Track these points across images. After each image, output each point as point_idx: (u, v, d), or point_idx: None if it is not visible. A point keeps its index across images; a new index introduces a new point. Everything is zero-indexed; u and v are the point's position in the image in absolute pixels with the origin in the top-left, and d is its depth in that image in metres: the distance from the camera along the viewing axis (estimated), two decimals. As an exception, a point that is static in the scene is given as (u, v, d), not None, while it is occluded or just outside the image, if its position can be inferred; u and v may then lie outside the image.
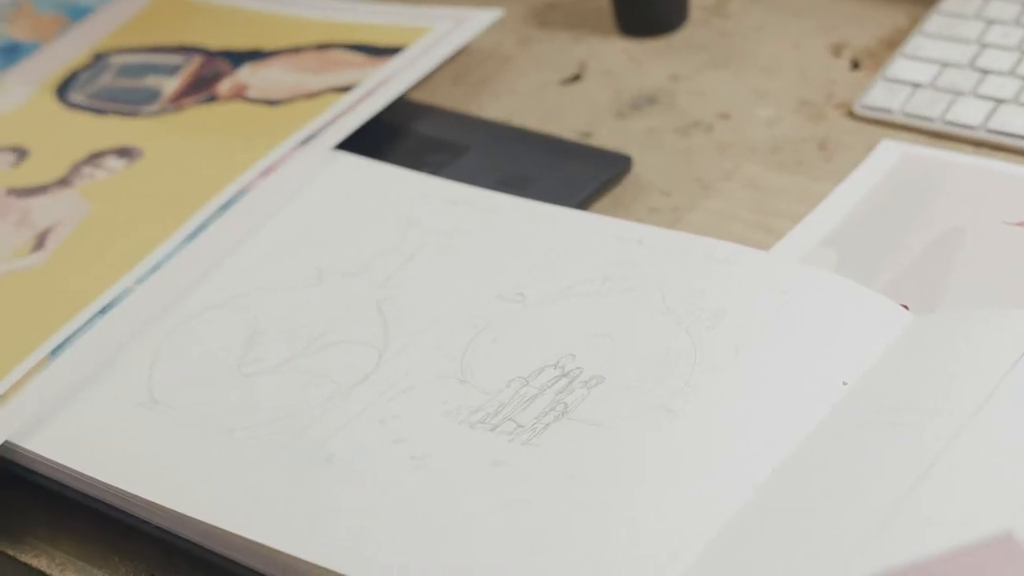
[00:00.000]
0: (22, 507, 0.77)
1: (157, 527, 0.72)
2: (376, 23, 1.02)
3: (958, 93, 0.91)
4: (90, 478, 0.73)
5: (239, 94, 0.98)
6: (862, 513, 0.64)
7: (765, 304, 0.75)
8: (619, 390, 0.72)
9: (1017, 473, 0.64)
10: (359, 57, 0.98)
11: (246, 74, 1.00)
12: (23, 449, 0.76)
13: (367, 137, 0.93)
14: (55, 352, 0.79)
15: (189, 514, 0.70)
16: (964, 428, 0.66)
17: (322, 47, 1.01)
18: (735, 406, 0.70)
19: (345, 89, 0.95)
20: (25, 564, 0.75)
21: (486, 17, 1.00)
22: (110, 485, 0.73)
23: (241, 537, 0.69)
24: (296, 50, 1.01)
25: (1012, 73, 0.91)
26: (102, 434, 0.76)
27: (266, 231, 0.87)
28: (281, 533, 0.68)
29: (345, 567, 0.66)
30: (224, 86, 0.99)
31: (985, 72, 0.92)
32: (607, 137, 0.94)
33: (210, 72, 1.01)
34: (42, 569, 0.74)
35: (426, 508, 0.68)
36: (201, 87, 1.00)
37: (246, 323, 0.81)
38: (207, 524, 0.70)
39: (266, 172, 0.90)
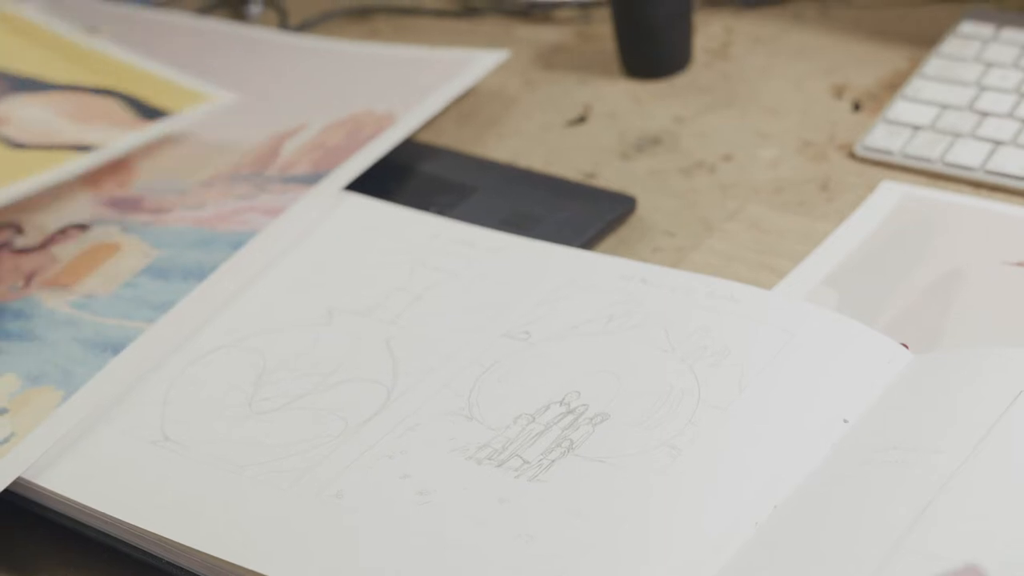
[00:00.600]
0: (35, 542, 0.78)
1: (169, 563, 0.73)
2: (169, 80, 1.07)
3: (957, 135, 0.92)
4: (102, 514, 0.75)
5: (-6, 126, 1.03)
6: (863, 550, 0.65)
7: (768, 342, 0.76)
8: (623, 427, 0.73)
9: (1016, 509, 0.65)
10: (128, 115, 1.03)
11: (11, 106, 1.05)
12: (36, 485, 0.77)
13: (374, 177, 0.94)
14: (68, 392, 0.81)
15: (200, 549, 0.71)
16: (963, 465, 0.67)
17: (100, 92, 1.05)
18: (738, 444, 0.71)
19: (86, 149, 0.99)
20: (38, 599, 0.76)
21: (492, 58, 1.01)
22: (122, 521, 0.74)
23: (250, 571, 0.70)
24: (73, 88, 1.05)
25: (1011, 115, 0.93)
26: (115, 471, 0.77)
27: (276, 271, 0.89)
28: (290, 567, 0.70)
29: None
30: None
31: (984, 114, 0.93)
32: (611, 178, 0.96)
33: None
34: (54, 604, 0.76)
35: (433, 543, 0.69)
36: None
37: (255, 363, 0.83)
38: (217, 559, 0.71)
39: (275, 212, 0.91)
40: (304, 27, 1.17)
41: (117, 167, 1.01)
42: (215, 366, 0.83)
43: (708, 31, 1.08)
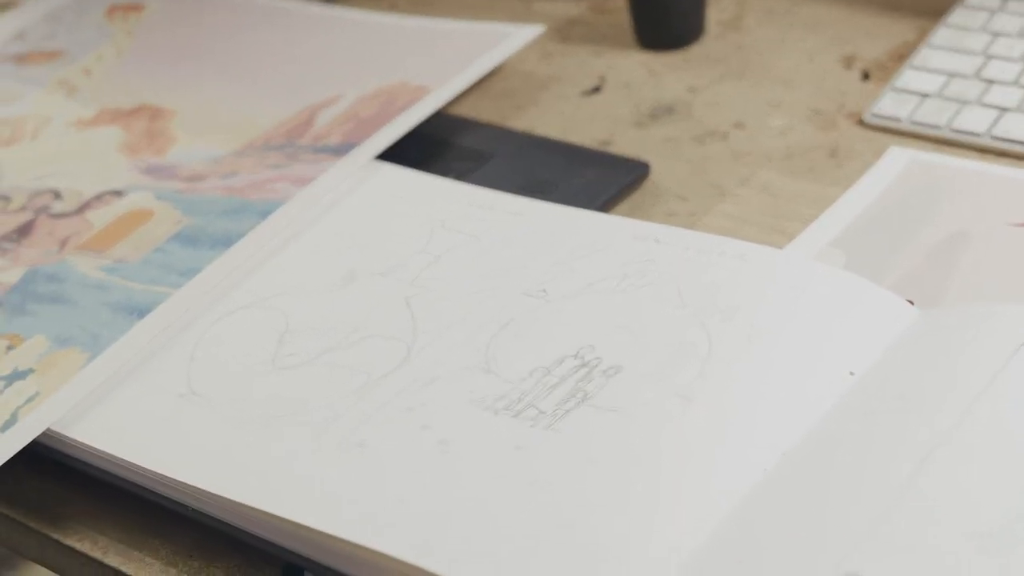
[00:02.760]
0: (66, 493, 0.81)
1: (196, 510, 0.76)
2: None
3: (964, 102, 0.95)
4: (132, 464, 0.77)
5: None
6: (865, 497, 0.67)
7: (777, 298, 0.78)
8: (636, 379, 0.75)
9: (1015, 459, 0.67)
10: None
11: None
12: (66, 437, 0.79)
13: (395, 144, 0.96)
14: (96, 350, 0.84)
15: (228, 496, 0.74)
16: (963, 417, 0.70)
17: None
18: (747, 394, 0.74)
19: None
20: (69, 548, 0.78)
21: (527, 33, 1.03)
22: (149, 469, 0.76)
23: (276, 516, 0.72)
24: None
25: (1016, 83, 0.95)
26: (143, 423, 0.79)
27: (302, 238, 0.91)
28: (316, 513, 0.72)
29: (376, 542, 0.69)
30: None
31: (990, 82, 0.95)
32: (626, 145, 0.98)
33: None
34: (86, 552, 0.78)
35: (453, 488, 0.71)
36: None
37: (278, 321, 0.85)
38: (244, 506, 0.73)
39: (305, 182, 0.93)
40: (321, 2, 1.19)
41: (155, 134, 1.03)
42: (239, 325, 0.85)
43: (721, 4, 1.10)
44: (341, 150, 0.96)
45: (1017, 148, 0.91)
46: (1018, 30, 0.98)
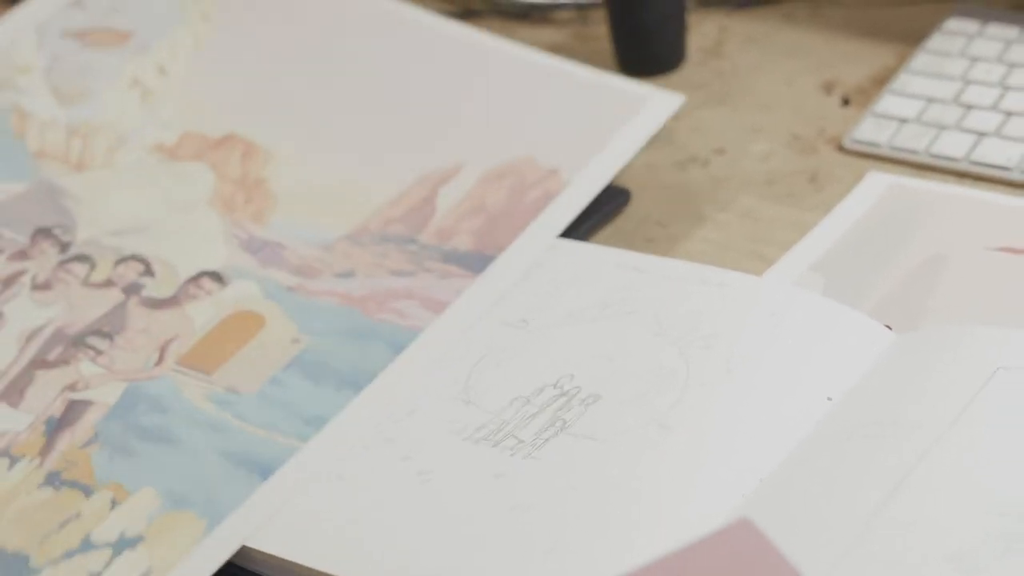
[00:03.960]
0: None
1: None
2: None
3: (942, 127, 0.95)
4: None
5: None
6: (844, 521, 0.68)
7: (755, 325, 0.79)
8: (615, 406, 0.76)
9: (988, 481, 0.68)
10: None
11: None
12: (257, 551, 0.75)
13: None
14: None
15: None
16: (941, 440, 0.70)
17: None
18: (725, 420, 0.74)
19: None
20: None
21: (669, 103, 0.96)
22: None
23: (260, 552, 0.73)
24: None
25: (994, 108, 0.95)
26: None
27: None
28: (298, 547, 0.72)
29: (356, 572, 0.70)
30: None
31: (969, 107, 0.96)
32: (608, 172, 0.98)
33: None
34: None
35: (433, 517, 0.72)
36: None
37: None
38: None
39: (436, 307, 0.85)
40: None
41: (251, 185, 0.94)
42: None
43: (702, 30, 1.10)
44: (473, 263, 0.88)
45: (995, 173, 0.91)
46: (996, 55, 0.99)
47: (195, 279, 0.89)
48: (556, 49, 1.12)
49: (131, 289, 0.89)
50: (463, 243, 0.90)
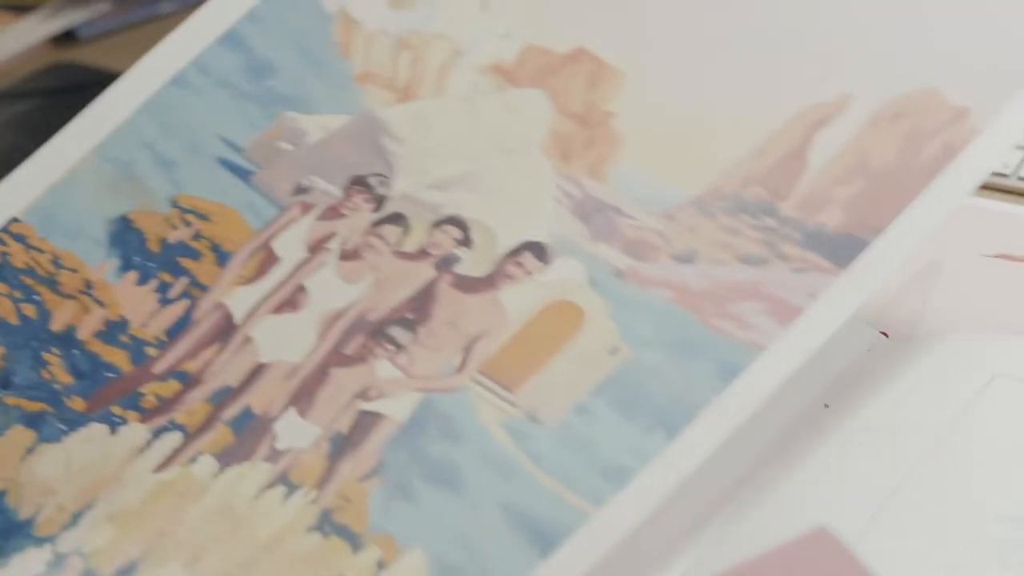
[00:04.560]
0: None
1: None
2: None
3: None
4: None
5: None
6: (838, 526, 0.64)
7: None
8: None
9: (985, 490, 0.70)
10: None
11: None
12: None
13: None
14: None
15: None
16: (937, 445, 0.71)
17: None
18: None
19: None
20: None
21: None
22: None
23: None
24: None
25: None
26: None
27: None
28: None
29: None
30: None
31: None
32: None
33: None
34: None
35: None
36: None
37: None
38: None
39: (787, 316, 0.71)
40: None
41: (597, 130, 0.79)
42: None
43: None
44: (840, 250, 0.72)
45: (992, 179, 0.91)
46: None
47: (515, 254, 0.77)
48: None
49: (444, 263, 0.78)
50: (832, 218, 0.74)
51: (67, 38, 1.26)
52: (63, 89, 1.19)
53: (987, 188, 0.91)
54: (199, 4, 0.85)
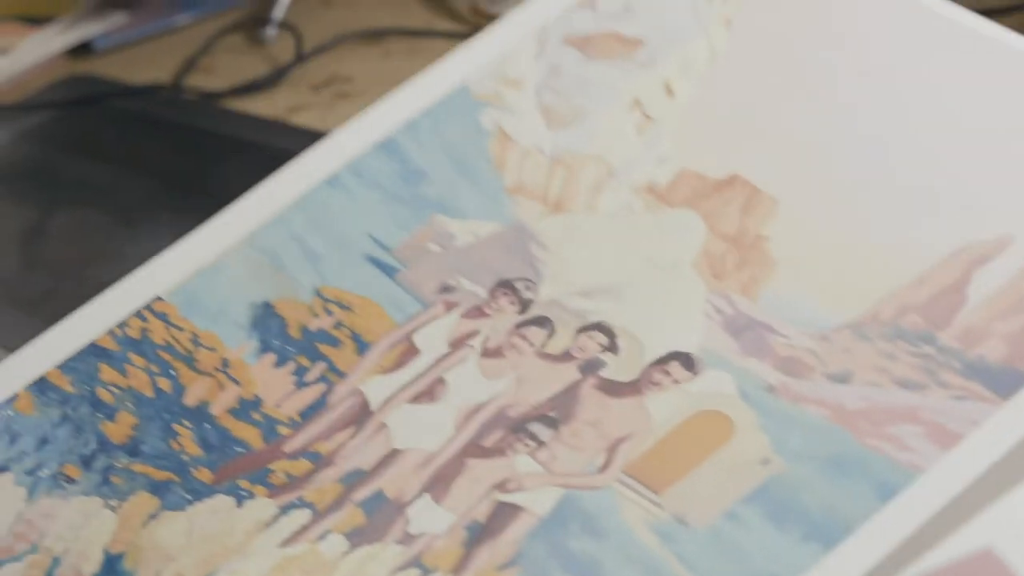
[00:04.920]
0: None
1: None
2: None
3: None
4: None
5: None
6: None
7: None
8: None
9: None
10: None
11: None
12: None
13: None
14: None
15: None
16: None
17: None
18: None
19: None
20: None
21: None
22: None
23: None
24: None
25: None
26: None
27: None
28: None
29: None
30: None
31: None
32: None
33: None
34: None
35: None
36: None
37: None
38: None
39: (946, 440, 0.70)
40: (318, 51, 1.22)
41: (750, 252, 0.79)
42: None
43: None
44: (1001, 382, 0.71)
45: None
46: None
47: (662, 363, 0.76)
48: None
49: (589, 367, 0.77)
50: (993, 351, 0.72)
51: (83, 50, 1.29)
52: (79, 101, 1.21)
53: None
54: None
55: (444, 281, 0.81)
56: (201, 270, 0.83)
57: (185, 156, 1.13)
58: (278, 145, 1.10)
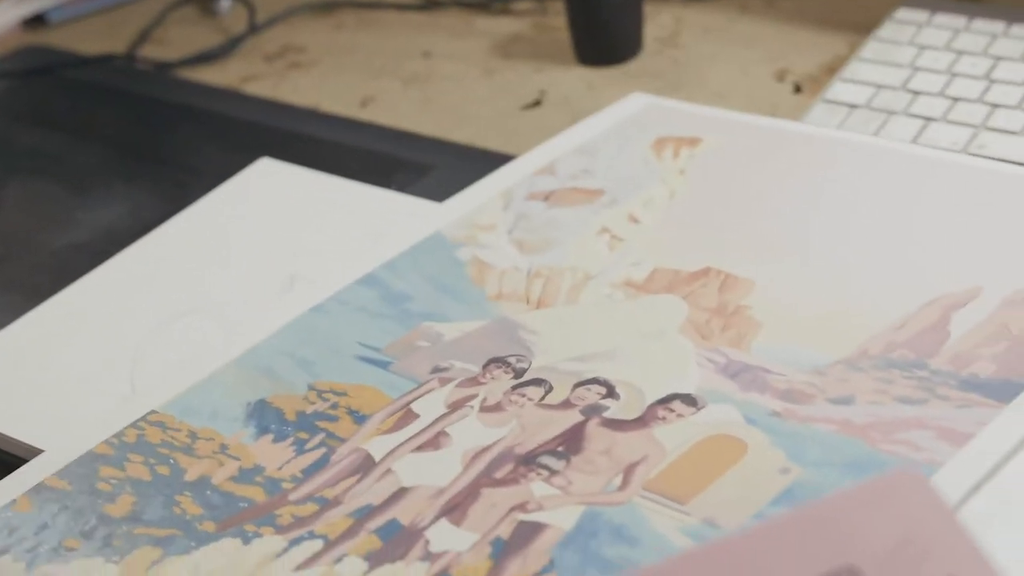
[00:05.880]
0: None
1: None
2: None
3: (891, 112, 0.97)
4: None
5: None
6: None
7: None
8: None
9: None
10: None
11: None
12: None
13: (322, 155, 1.01)
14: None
15: None
16: None
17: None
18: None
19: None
20: None
21: None
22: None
23: None
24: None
25: (941, 94, 0.98)
26: None
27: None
28: None
29: None
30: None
31: (916, 93, 0.98)
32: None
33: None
34: None
35: None
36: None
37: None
38: None
39: (957, 439, 0.72)
40: (271, 22, 1.23)
41: (728, 313, 0.82)
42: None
43: (659, 21, 1.13)
44: (999, 391, 0.74)
45: None
46: (944, 43, 1.01)
47: (664, 402, 0.77)
48: (515, 39, 1.15)
49: (591, 410, 0.77)
50: (985, 369, 0.75)
51: (37, 22, 1.30)
52: (32, 71, 1.22)
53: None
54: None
55: (437, 364, 0.82)
56: (194, 386, 0.83)
57: (138, 125, 1.13)
58: (230, 114, 1.11)
